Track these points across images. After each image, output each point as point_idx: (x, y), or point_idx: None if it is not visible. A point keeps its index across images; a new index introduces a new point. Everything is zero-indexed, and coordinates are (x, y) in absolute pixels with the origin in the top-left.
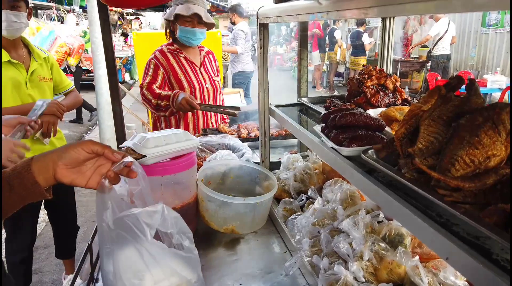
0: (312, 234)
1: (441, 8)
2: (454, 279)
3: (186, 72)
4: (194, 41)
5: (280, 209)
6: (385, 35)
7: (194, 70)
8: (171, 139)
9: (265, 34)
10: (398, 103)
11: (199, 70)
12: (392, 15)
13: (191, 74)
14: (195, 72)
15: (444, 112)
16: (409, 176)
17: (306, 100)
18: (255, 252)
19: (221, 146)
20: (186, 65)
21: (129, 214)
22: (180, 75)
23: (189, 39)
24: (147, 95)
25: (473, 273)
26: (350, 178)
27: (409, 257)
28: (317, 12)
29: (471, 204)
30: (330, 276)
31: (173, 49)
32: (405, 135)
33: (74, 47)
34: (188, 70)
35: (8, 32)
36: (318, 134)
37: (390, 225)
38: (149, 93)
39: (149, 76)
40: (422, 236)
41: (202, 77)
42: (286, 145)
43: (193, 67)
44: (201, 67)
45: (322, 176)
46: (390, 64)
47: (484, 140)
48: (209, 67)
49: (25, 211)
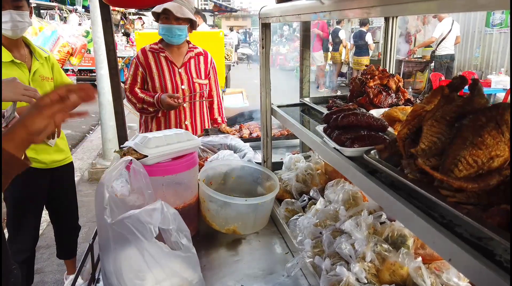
0: (314, 235)
1: (444, 7)
2: (457, 281)
3: (161, 72)
4: (173, 39)
5: (282, 209)
6: (388, 35)
7: (171, 70)
8: (172, 139)
9: (267, 34)
10: (401, 103)
11: (178, 71)
12: (394, 15)
13: (166, 74)
14: (171, 72)
15: (447, 112)
16: (412, 177)
17: (308, 100)
18: (256, 253)
19: (223, 146)
20: (164, 65)
21: (129, 215)
22: (155, 74)
23: (167, 37)
24: (131, 98)
25: (476, 275)
26: (353, 179)
27: (412, 258)
28: (319, 12)
29: (474, 205)
30: (332, 277)
31: (156, 48)
32: (407, 135)
33: (76, 47)
34: (165, 70)
35: (13, 32)
36: (320, 134)
37: (393, 226)
38: (133, 97)
39: (130, 77)
40: (424, 237)
41: (179, 78)
42: (288, 145)
43: (171, 67)
44: (181, 68)
45: (324, 177)
46: (393, 64)
47: (487, 141)
48: (192, 69)
49: (28, 212)
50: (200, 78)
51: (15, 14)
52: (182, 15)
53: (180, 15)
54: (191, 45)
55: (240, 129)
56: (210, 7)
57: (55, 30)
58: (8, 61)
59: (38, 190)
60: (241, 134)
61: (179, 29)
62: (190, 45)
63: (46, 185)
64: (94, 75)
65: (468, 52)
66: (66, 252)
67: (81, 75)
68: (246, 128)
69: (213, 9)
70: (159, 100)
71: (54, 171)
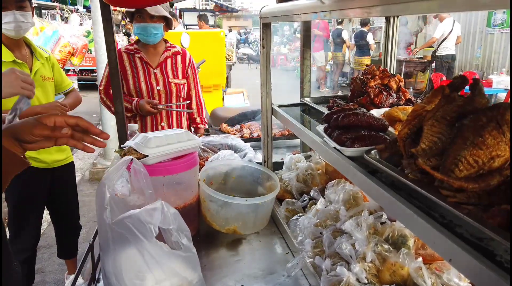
0: (315, 235)
1: (445, 7)
2: (457, 281)
3: (136, 73)
4: (148, 38)
5: (282, 209)
6: (389, 35)
7: (146, 71)
8: (173, 139)
9: (267, 34)
10: (402, 103)
11: (153, 71)
12: (395, 14)
13: (141, 76)
14: (146, 73)
15: (447, 112)
16: (412, 177)
17: (309, 100)
18: (257, 253)
19: (224, 146)
20: (139, 66)
21: (129, 215)
22: (129, 76)
23: (143, 36)
24: (106, 100)
25: (476, 275)
26: (353, 179)
27: (412, 258)
28: (319, 12)
29: (474, 205)
30: (332, 277)
31: (130, 49)
32: (408, 135)
33: (77, 47)
34: (140, 71)
35: (16, 32)
36: (321, 134)
37: (393, 226)
38: (107, 99)
39: (105, 78)
40: (425, 237)
41: (154, 79)
42: (288, 145)
43: (146, 68)
44: (156, 68)
45: (325, 177)
46: (393, 64)
47: (488, 141)
48: (169, 69)
49: (29, 211)
50: (176, 78)
51: (18, 15)
52: (156, 12)
53: (154, 13)
54: (169, 44)
55: (240, 129)
56: (211, 7)
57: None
58: (9, 61)
59: (39, 189)
60: (242, 134)
61: (154, 28)
62: (167, 44)
63: (47, 184)
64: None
65: (470, 52)
66: (66, 252)
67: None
68: (246, 128)
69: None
70: (137, 106)
71: (55, 171)
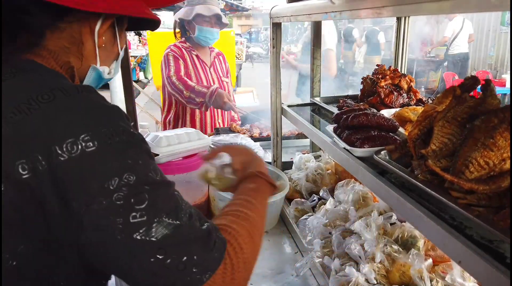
0: (324, 235)
1: (456, 7)
2: (461, 281)
3: (196, 70)
4: (211, 41)
5: (291, 209)
6: (400, 34)
7: (204, 69)
8: (183, 138)
9: (278, 34)
10: (413, 103)
11: (209, 70)
12: (406, 15)
13: (201, 73)
14: (205, 71)
15: (458, 113)
16: (422, 178)
17: (319, 100)
18: (266, 252)
19: None
20: (197, 63)
21: None
22: (191, 72)
23: (207, 39)
24: (178, 85)
25: (486, 277)
26: (363, 179)
27: (422, 259)
28: (330, 12)
29: (485, 207)
30: (341, 277)
31: (186, 47)
32: (418, 136)
33: None
34: (199, 68)
35: None
36: (330, 134)
37: (403, 227)
38: (180, 83)
39: (173, 67)
40: (434, 239)
41: (211, 77)
42: (298, 145)
43: (203, 66)
44: (211, 67)
45: (335, 177)
46: (405, 63)
47: (499, 142)
48: (218, 68)
49: None
50: (225, 77)
51: None
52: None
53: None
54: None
55: (250, 129)
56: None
57: None
58: None
59: None
60: (252, 134)
61: (218, 33)
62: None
63: None
64: None
65: (483, 50)
66: None
67: None
68: (256, 127)
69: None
70: (215, 92)
71: None
